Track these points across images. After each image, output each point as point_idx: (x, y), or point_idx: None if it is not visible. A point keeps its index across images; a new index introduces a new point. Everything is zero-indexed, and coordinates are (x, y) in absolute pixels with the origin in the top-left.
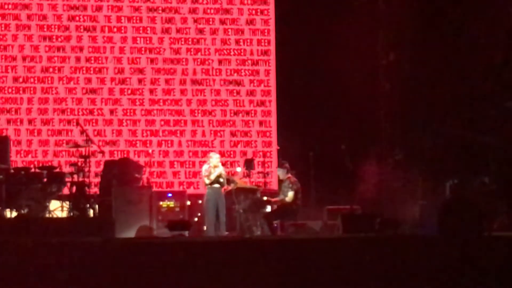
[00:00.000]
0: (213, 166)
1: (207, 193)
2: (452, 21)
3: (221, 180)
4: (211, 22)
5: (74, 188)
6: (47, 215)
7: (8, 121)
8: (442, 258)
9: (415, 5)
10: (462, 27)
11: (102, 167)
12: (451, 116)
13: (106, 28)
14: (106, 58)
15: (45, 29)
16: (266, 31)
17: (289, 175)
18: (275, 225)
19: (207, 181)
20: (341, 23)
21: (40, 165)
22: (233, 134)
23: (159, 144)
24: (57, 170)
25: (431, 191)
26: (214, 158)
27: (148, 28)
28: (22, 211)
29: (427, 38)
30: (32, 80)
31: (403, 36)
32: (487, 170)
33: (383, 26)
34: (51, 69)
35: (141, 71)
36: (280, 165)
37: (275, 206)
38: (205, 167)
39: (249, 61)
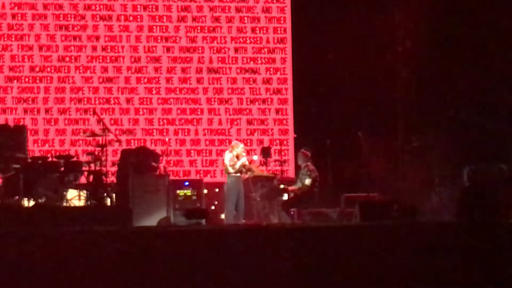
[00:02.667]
0: (237, 156)
1: (229, 182)
2: (470, 6)
3: (244, 170)
4: (227, 10)
5: (91, 177)
6: (64, 204)
7: (25, 111)
8: (460, 245)
9: None
10: (481, 12)
11: (119, 156)
12: (468, 102)
13: (122, 17)
14: (122, 47)
15: (61, 18)
16: (282, 19)
17: (308, 163)
18: (292, 212)
19: (231, 170)
20: (357, 10)
21: (57, 154)
22: (249, 122)
23: (176, 132)
24: (74, 159)
25: (449, 178)
26: (239, 148)
27: (164, 17)
28: (40, 200)
29: (444, 24)
30: (48, 69)
31: (420, 23)
32: (505, 156)
33: (399, 12)
34: (67, 58)
35: (157, 59)
36: (302, 152)
37: (291, 194)
38: (229, 155)
39: (265, 49)
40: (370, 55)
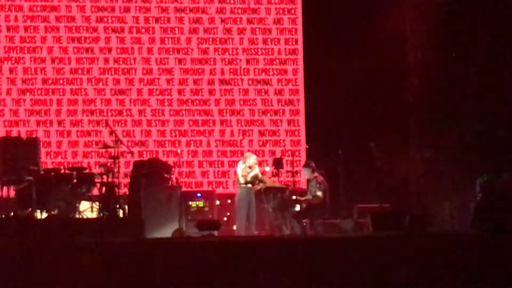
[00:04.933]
0: (249, 166)
1: (240, 193)
2: (481, 16)
3: (256, 181)
4: (238, 22)
5: (103, 189)
6: (77, 216)
7: (38, 123)
8: (474, 255)
9: (444, 2)
10: (492, 21)
11: (131, 167)
12: (480, 112)
13: (134, 29)
14: (135, 59)
15: (74, 31)
16: (293, 30)
17: (316, 174)
18: (304, 223)
19: (242, 181)
20: (368, 20)
21: (70, 166)
22: (261, 133)
23: (188, 144)
24: (87, 171)
25: (461, 188)
26: (252, 159)
27: (176, 29)
28: (52, 212)
29: (456, 33)
30: (61, 81)
31: (432, 33)
32: None
33: (411, 23)
34: (80, 71)
35: (169, 71)
36: (306, 165)
37: (304, 205)
38: (241, 166)
39: (277, 60)
40: (382, 65)
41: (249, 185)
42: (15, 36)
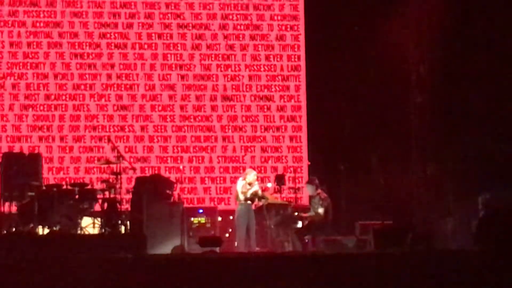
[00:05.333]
0: (249, 183)
1: (239, 209)
2: (484, 33)
3: (255, 198)
4: (241, 38)
5: (105, 205)
6: (79, 232)
7: (40, 139)
8: (476, 273)
9: (446, 18)
10: (495, 37)
11: (133, 183)
12: (483, 129)
13: (137, 45)
14: (137, 75)
15: (77, 47)
16: (296, 46)
17: (319, 191)
18: (307, 240)
19: (242, 197)
20: (371, 37)
21: (72, 182)
22: (263, 149)
23: (190, 160)
24: (89, 186)
25: (463, 205)
26: (252, 175)
27: (179, 45)
28: (54, 228)
29: (459, 50)
30: (63, 97)
31: (434, 49)
32: None
33: (413, 39)
34: (82, 86)
35: (171, 87)
36: (309, 181)
37: (306, 222)
38: (241, 182)
39: (279, 77)
40: (384, 81)
41: (248, 202)
42: (18, 52)
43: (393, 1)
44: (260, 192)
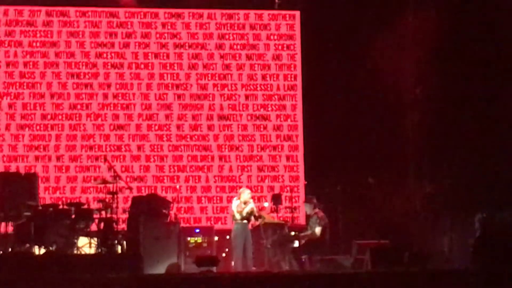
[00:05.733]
0: (244, 202)
1: (235, 229)
2: (480, 54)
3: (251, 217)
4: (237, 58)
5: (102, 224)
6: (75, 252)
7: (37, 158)
8: None
9: (443, 39)
10: (490, 60)
11: (129, 203)
12: (479, 149)
13: (134, 65)
14: (134, 94)
15: (73, 66)
16: (292, 66)
17: (317, 210)
18: (303, 260)
19: (238, 217)
20: (367, 56)
21: (68, 201)
22: (260, 169)
23: (187, 179)
24: (85, 206)
25: (460, 225)
26: (246, 194)
27: (175, 64)
28: (50, 248)
29: (455, 70)
30: (60, 117)
31: (431, 69)
32: None
33: (410, 59)
34: (79, 106)
35: (168, 107)
36: (307, 200)
37: (303, 241)
38: (236, 202)
39: (276, 96)
40: (381, 101)
41: (245, 221)
42: (15, 72)
43: (390, 21)
44: (255, 209)
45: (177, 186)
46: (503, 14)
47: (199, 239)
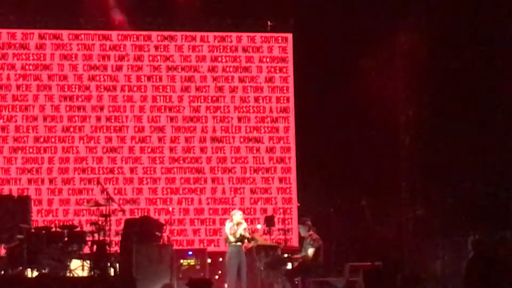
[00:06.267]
0: (236, 223)
1: (230, 251)
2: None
3: (247, 235)
4: (230, 80)
5: (95, 247)
6: (68, 274)
7: (29, 181)
8: None
9: (435, 62)
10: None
11: (122, 225)
12: (471, 171)
13: (126, 87)
14: (126, 117)
15: (66, 89)
16: (285, 88)
17: (311, 232)
18: (297, 282)
19: (232, 239)
20: (359, 79)
21: (61, 224)
22: (253, 191)
23: (180, 202)
24: (78, 229)
25: (453, 247)
26: (237, 215)
27: (168, 87)
28: (43, 271)
29: (447, 93)
30: (53, 139)
31: (423, 92)
32: (508, 225)
33: (402, 82)
34: (71, 129)
35: (161, 129)
36: (301, 222)
37: (296, 263)
38: (229, 225)
39: (269, 118)
40: (373, 124)
41: (239, 243)
42: (7, 94)
43: (382, 44)
44: (247, 228)
45: (170, 208)
46: (497, 38)
47: (192, 262)
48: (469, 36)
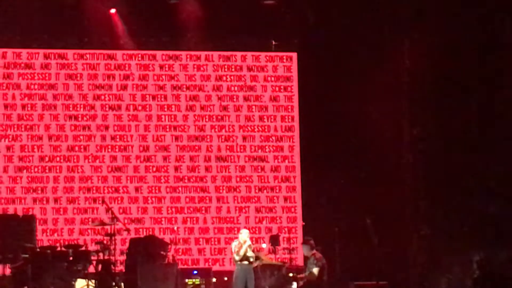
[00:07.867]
0: (243, 242)
1: (236, 270)
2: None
3: (250, 254)
4: (235, 99)
5: (100, 266)
6: None
7: (34, 200)
8: None
9: (438, 80)
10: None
11: (127, 244)
12: (476, 190)
13: (131, 106)
14: (131, 136)
15: (71, 109)
16: (289, 107)
17: (314, 251)
18: None
19: (237, 258)
20: (363, 99)
21: (66, 243)
22: (258, 210)
23: (184, 221)
24: (83, 248)
25: (458, 266)
26: (244, 234)
27: (173, 106)
28: None
29: (452, 111)
30: (58, 159)
31: (428, 111)
32: None
33: (406, 101)
34: (76, 148)
35: (166, 148)
36: (304, 242)
37: (301, 283)
38: (234, 243)
39: (273, 137)
40: (377, 142)
41: (245, 262)
42: (13, 114)
43: (387, 62)
44: (251, 245)
45: (175, 228)
46: (501, 57)
47: (197, 281)
48: (477, 57)
